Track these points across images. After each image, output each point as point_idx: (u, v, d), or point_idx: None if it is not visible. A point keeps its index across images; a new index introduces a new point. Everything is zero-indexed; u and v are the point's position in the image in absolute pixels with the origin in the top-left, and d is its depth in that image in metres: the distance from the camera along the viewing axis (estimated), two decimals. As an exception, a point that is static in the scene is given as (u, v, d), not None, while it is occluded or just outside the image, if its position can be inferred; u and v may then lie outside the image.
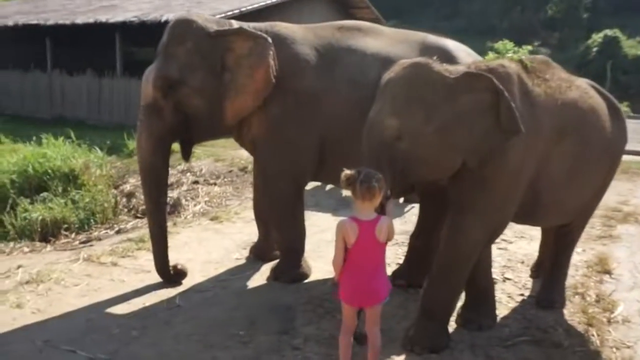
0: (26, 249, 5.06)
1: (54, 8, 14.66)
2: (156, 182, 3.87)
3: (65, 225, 5.62)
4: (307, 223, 5.60)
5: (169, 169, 4.11)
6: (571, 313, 3.64)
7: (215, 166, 8.55)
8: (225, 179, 7.82)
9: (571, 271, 4.35)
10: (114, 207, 6.25)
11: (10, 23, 13.65)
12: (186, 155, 3.97)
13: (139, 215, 6.24)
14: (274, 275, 4.11)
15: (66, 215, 5.75)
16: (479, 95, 2.81)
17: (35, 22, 13.13)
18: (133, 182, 7.20)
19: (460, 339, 3.22)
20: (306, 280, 4.08)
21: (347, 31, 3.98)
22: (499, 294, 3.91)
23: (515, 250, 4.87)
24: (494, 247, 4.89)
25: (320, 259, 4.54)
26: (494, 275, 4.17)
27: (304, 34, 3.90)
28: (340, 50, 3.86)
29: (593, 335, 3.32)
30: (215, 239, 5.10)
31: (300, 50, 3.78)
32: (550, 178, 3.18)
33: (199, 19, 3.67)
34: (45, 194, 6.31)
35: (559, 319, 3.54)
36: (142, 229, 5.43)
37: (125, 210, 6.47)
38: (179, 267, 4.02)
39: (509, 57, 3.25)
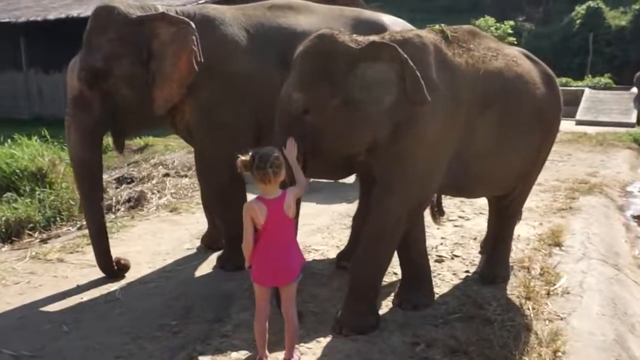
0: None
1: (27, 5, 14.49)
2: (88, 177, 3.79)
3: (31, 225, 5.61)
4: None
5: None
6: (512, 287, 3.61)
7: (188, 158, 8.47)
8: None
9: (521, 245, 4.34)
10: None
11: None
12: (119, 147, 3.89)
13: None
14: (219, 263, 4.09)
15: (31, 215, 5.71)
16: (384, 65, 2.74)
17: (7, 20, 13.00)
18: (106, 178, 7.14)
19: (393, 319, 3.19)
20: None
21: (278, 10, 3.92)
22: (444, 272, 3.90)
23: (471, 227, 4.83)
24: (449, 224, 4.93)
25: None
26: (443, 253, 4.19)
27: (233, 14, 3.83)
28: (271, 30, 3.80)
29: (529, 309, 3.28)
30: (170, 230, 5.07)
31: (229, 31, 3.71)
32: (477, 149, 3.13)
33: (121, 6, 3.58)
34: (9, 194, 6.27)
35: (498, 294, 3.50)
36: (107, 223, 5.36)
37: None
38: (122, 261, 3.97)
39: (430, 27, 3.17)
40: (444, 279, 3.77)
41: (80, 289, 3.76)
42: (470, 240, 4.52)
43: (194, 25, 3.48)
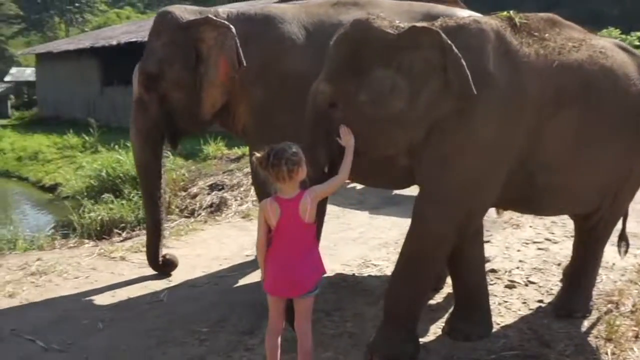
0: (71, 244, 5.37)
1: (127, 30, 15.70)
2: (147, 176, 3.88)
3: (122, 225, 5.93)
4: (338, 220, 5.43)
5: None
6: (592, 325, 3.03)
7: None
8: None
9: (615, 275, 3.70)
10: (167, 207, 6.49)
11: (114, 42, 14.82)
12: (174, 145, 3.92)
13: (186, 214, 6.41)
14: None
15: (123, 215, 6.12)
16: (424, 53, 2.37)
17: (134, 39, 14.12)
18: (200, 185, 7.42)
19: (437, 349, 2.79)
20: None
21: (342, 6, 3.71)
22: (513, 300, 3.40)
23: (557, 252, 4.21)
24: (532, 246, 4.36)
25: (331, 257, 4.28)
26: (516, 279, 3.70)
27: (294, 13, 3.68)
28: (332, 27, 3.57)
29: (607, 354, 2.71)
30: (236, 235, 5.01)
31: (286, 29, 3.56)
32: (547, 156, 2.65)
33: (177, 11, 3.61)
34: (107, 195, 6.85)
35: (572, 331, 2.95)
36: (180, 226, 5.49)
37: (178, 210, 6.66)
38: (168, 257, 4.01)
39: (498, 14, 2.73)
40: (510, 308, 3.26)
41: (130, 287, 3.78)
42: (553, 266, 3.92)
43: (234, 30, 3.39)
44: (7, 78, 30.29)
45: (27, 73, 28.94)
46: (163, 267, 3.96)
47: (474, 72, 2.40)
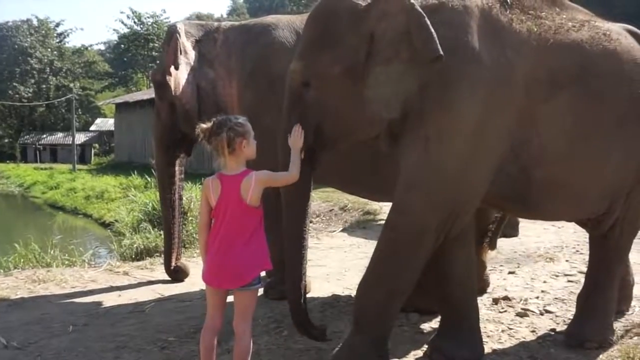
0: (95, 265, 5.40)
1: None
2: (161, 179, 4.03)
3: (157, 253, 5.97)
4: (359, 249, 5.14)
5: None
6: (609, 357, 2.54)
7: (320, 206, 8.44)
8: (323, 217, 7.74)
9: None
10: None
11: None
12: (187, 152, 3.98)
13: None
14: (264, 290, 3.69)
15: (158, 244, 6.15)
16: (392, 20, 2.15)
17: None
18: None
19: (412, 372, 2.42)
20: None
21: None
22: (521, 328, 2.98)
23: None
24: (562, 278, 3.89)
25: (337, 281, 4.04)
26: (532, 307, 3.27)
27: (289, 20, 3.69)
28: None
29: (615, 387, 2.24)
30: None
31: (278, 35, 3.57)
32: (543, 146, 2.32)
33: (181, 25, 3.76)
34: (144, 224, 7.02)
35: (580, 362, 2.49)
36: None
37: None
38: (180, 265, 4.08)
39: None
40: (514, 336, 2.83)
41: (119, 299, 3.69)
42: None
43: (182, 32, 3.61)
44: (92, 127, 32.72)
45: (110, 123, 31.16)
46: (174, 273, 4.01)
47: (457, 48, 2.19)
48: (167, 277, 4.06)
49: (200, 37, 3.71)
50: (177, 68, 3.52)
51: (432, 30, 2.08)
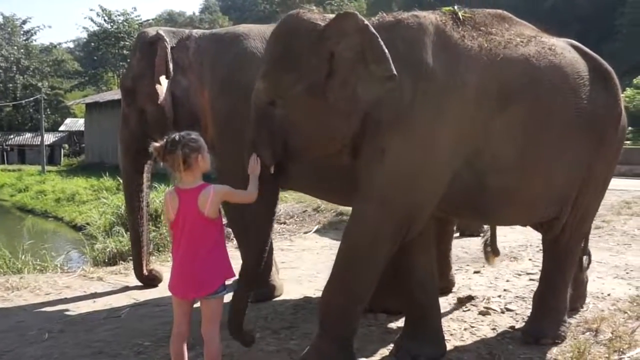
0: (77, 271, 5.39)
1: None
2: (128, 185, 4.04)
3: (130, 257, 5.96)
4: (330, 251, 5.25)
5: None
6: (562, 352, 2.71)
7: (294, 207, 8.52)
8: (297, 218, 7.80)
9: (605, 304, 3.40)
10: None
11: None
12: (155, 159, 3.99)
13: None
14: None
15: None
16: (349, 40, 2.28)
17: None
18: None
19: (379, 370, 2.55)
20: (276, 299, 3.71)
21: None
22: (482, 326, 3.14)
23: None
24: (525, 277, 4.07)
25: (309, 282, 4.14)
26: (493, 306, 3.43)
27: (260, 30, 3.73)
28: None
29: (566, 380, 2.41)
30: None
31: (248, 44, 3.61)
32: (496, 156, 2.48)
33: (150, 31, 3.76)
34: (117, 228, 7.01)
35: (536, 357, 2.65)
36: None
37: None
38: (153, 272, 4.07)
39: (442, 9, 2.64)
40: (476, 334, 2.99)
41: (94, 304, 3.73)
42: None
43: (167, 42, 3.57)
44: (61, 128, 32.13)
45: (79, 123, 30.65)
46: (147, 279, 4.01)
47: (411, 64, 2.33)
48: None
49: (174, 45, 3.75)
50: (168, 77, 3.51)
51: (386, 50, 2.21)
